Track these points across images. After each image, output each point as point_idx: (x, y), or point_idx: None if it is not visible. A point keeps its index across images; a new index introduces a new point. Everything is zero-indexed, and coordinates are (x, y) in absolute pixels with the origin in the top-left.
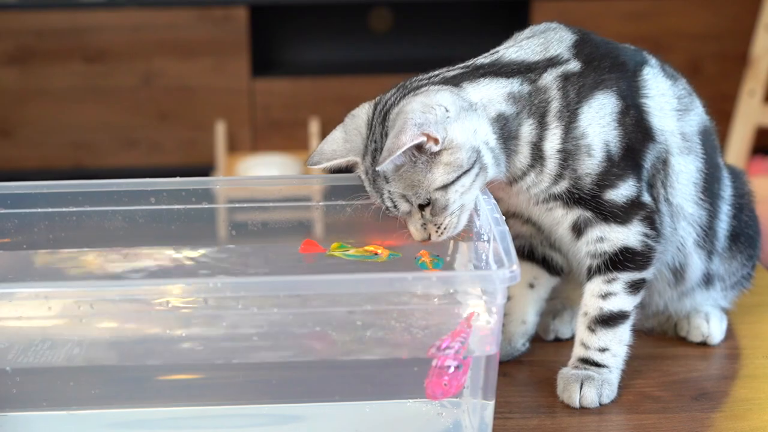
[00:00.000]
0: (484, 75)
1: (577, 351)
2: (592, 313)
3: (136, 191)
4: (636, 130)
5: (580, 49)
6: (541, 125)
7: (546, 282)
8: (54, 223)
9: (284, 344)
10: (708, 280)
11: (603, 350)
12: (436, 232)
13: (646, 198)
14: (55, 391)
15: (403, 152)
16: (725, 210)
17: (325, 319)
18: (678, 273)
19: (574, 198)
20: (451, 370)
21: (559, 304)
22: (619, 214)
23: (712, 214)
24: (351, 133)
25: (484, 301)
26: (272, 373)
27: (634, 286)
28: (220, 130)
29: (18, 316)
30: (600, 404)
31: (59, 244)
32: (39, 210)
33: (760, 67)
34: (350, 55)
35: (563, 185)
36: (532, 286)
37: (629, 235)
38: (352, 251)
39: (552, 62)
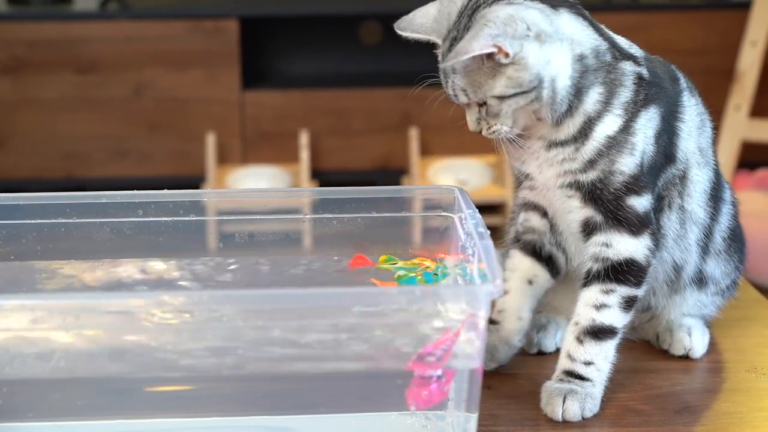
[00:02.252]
0: (584, 17)
1: (563, 363)
2: (583, 323)
3: (124, 203)
4: (663, 152)
5: (648, 61)
6: (607, 103)
7: (543, 282)
8: (42, 234)
9: (269, 357)
10: (701, 280)
11: (588, 364)
12: (487, 129)
13: (652, 215)
14: (41, 402)
15: (467, 61)
16: (726, 211)
17: (310, 331)
18: (678, 270)
19: (595, 194)
20: (432, 379)
21: (544, 318)
22: (634, 224)
23: (714, 216)
24: (443, 14)
25: (467, 315)
26: (258, 385)
27: (628, 303)
28: (211, 141)
29: (5, 328)
30: (582, 418)
31: (47, 255)
32: (27, 221)
33: (746, 82)
34: (340, 68)
35: (593, 174)
36: (530, 282)
37: (638, 247)
38: (400, 263)
39: (631, 58)
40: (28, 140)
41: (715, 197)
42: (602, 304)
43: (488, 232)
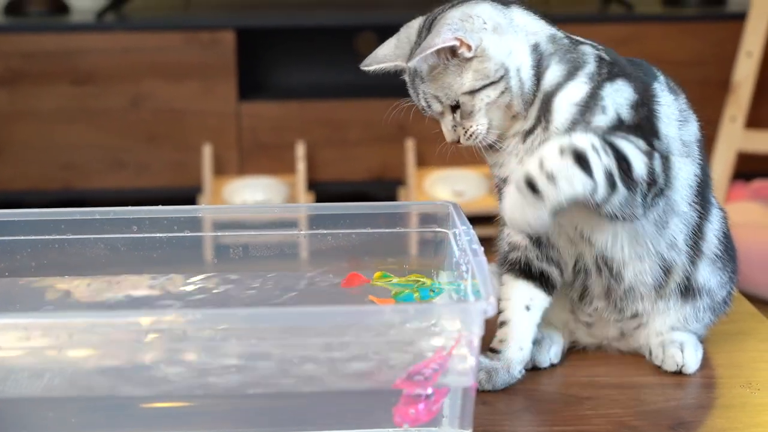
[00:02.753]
0: (534, 12)
1: (530, 166)
2: (566, 141)
3: (118, 219)
4: (646, 123)
5: (608, 52)
6: (569, 75)
7: (540, 304)
8: (36, 251)
9: (264, 374)
10: (690, 289)
11: (551, 177)
12: (464, 135)
13: (655, 159)
14: (35, 420)
15: (437, 53)
16: (716, 214)
17: (304, 349)
18: (667, 272)
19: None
20: (421, 398)
21: (538, 333)
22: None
23: (703, 215)
24: (402, 41)
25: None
26: (252, 402)
27: (611, 177)
28: (207, 152)
29: None
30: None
31: (41, 272)
32: (21, 237)
33: (741, 93)
34: (337, 79)
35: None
36: (528, 308)
37: (630, 145)
38: (395, 280)
39: (589, 44)
40: (25, 151)
41: (702, 196)
42: (595, 147)
43: (482, 248)
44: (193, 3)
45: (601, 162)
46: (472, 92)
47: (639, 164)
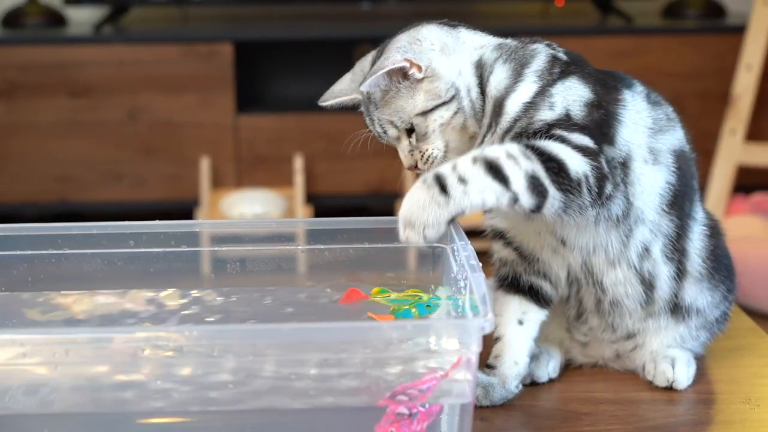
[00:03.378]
0: (483, 30)
1: (441, 168)
2: (485, 152)
3: (115, 234)
4: (601, 124)
5: (570, 54)
6: (516, 75)
7: (535, 317)
8: (33, 266)
9: (260, 390)
10: (678, 308)
11: (463, 180)
12: (421, 159)
13: (603, 158)
14: None
15: (389, 77)
16: (697, 230)
17: (300, 365)
18: (649, 286)
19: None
20: (404, 417)
21: (536, 348)
22: (572, 146)
23: (681, 229)
24: (357, 74)
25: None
26: (248, 417)
27: (535, 183)
28: (205, 165)
29: None
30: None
31: (38, 287)
32: (18, 252)
33: (741, 106)
34: None
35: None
36: (521, 322)
37: (568, 149)
38: (393, 296)
39: (545, 43)
40: (21, 164)
41: (677, 207)
42: (512, 155)
43: (480, 264)
44: (191, 15)
45: (520, 168)
46: (425, 113)
47: (575, 162)
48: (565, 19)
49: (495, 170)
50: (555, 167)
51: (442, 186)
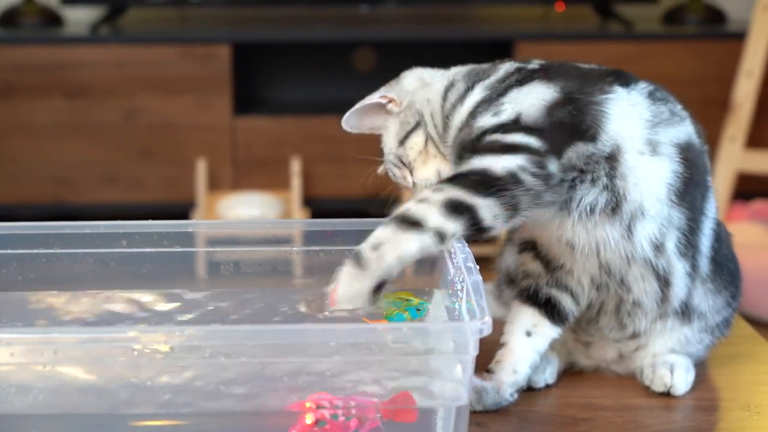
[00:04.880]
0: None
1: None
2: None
3: (107, 233)
4: (566, 124)
5: (549, 64)
6: (467, 90)
7: (545, 332)
8: (24, 265)
9: (253, 393)
10: (686, 312)
11: (375, 247)
12: (414, 188)
13: (551, 168)
14: None
15: (374, 112)
16: (708, 226)
17: (294, 369)
18: (665, 283)
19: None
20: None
21: (538, 356)
22: (499, 152)
23: (693, 222)
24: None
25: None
26: (240, 420)
27: (453, 205)
28: (202, 167)
29: None
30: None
31: (29, 286)
32: (8, 251)
33: (741, 113)
34: (333, 95)
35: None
36: (529, 334)
37: (503, 160)
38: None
39: (520, 62)
40: (17, 165)
41: (689, 200)
42: (422, 198)
43: (477, 267)
44: (189, 17)
45: (431, 204)
46: (401, 142)
47: (501, 162)
48: (565, 24)
49: (406, 220)
50: (476, 178)
51: (357, 260)
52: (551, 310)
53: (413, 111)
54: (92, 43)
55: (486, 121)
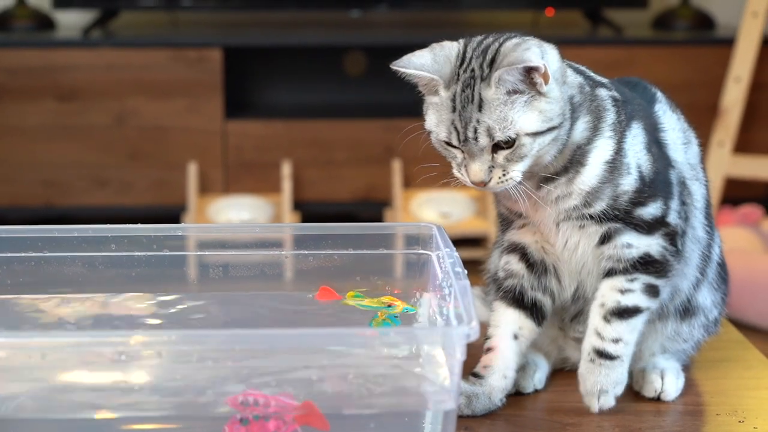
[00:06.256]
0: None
1: (591, 341)
2: (609, 305)
3: (96, 237)
4: (660, 159)
5: (614, 84)
6: (595, 129)
7: (529, 334)
8: (12, 268)
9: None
10: (688, 310)
11: (616, 341)
12: (500, 178)
13: (672, 218)
14: None
15: (514, 78)
16: (718, 235)
17: (281, 372)
18: (672, 297)
19: (609, 216)
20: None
21: (523, 358)
22: (643, 227)
23: (711, 236)
24: (440, 57)
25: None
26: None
27: (650, 290)
28: (192, 171)
29: None
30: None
31: (17, 290)
32: None
33: (729, 119)
34: (324, 99)
35: (600, 206)
36: (516, 337)
37: (651, 243)
38: (365, 301)
39: (602, 84)
40: (7, 168)
41: (710, 217)
42: (626, 289)
43: (465, 271)
44: (181, 20)
45: (635, 292)
46: (536, 134)
47: (653, 248)
48: (555, 30)
49: (624, 312)
50: (646, 263)
51: (606, 355)
52: (536, 312)
53: (559, 108)
54: (84, 46)
55: (626, 183)
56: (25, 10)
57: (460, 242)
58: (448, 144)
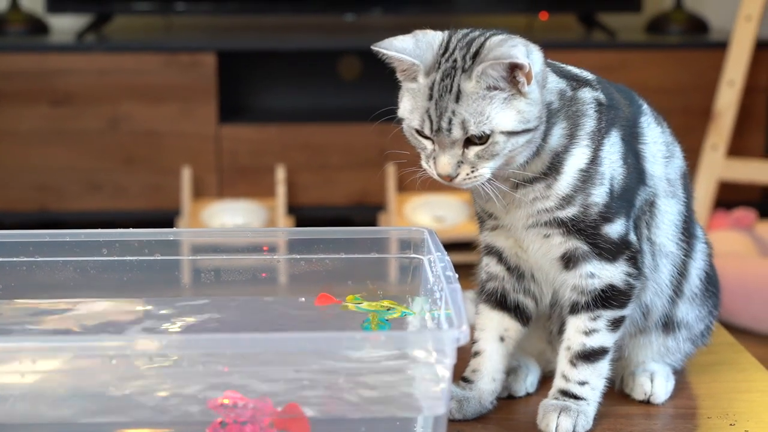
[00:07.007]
0: (547, 65)
1: (558, 383)
2: (575, 348)
3: (88, 242)
4: (634, 172)
5: (601, 83)
6: (572, 136)
7: (515, 335)
8: (3, 273)
9: (231, 401)
10: (669, 325)
11: (582, 383)
12: (467, 174)
13: (632, 237)
14: None
15: (497, 73)
16: (700, 248)
17: (272, 376)
18: (645, 313)
19: (578, 227)
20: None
21: (514, 362)
22: (609, 250)
23: (688, 253)
24: (422, 43)
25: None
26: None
27: (615, 324)
28: (186, 175)
29: None
30: None
31: (8, 294)
32: None
33: (722, 122)
34: (318, 103)
35: (572, 210)
36: (502, 339)
37: (615, 273)
38: (364, 305)
39: (587, 83)
40: (1, 172)
41: (687, 232)
42: (591, 330)
43: (456, 275)
44: (175, 25)
45: (599, 331)
46: (511, 134)
47: (615, 277)
48: (549, 33)
49: (590, 355)
50: (608, 297)
51: (573, 396)
52: (520, 314)
53: (537, 111)
54: (78, 50)
55: (597, 193)
56: (19, 14)
57: (454, 246)
58: (419, 133)
